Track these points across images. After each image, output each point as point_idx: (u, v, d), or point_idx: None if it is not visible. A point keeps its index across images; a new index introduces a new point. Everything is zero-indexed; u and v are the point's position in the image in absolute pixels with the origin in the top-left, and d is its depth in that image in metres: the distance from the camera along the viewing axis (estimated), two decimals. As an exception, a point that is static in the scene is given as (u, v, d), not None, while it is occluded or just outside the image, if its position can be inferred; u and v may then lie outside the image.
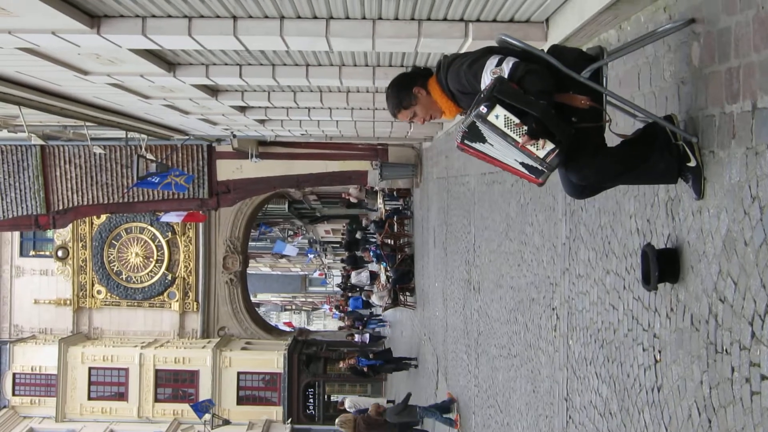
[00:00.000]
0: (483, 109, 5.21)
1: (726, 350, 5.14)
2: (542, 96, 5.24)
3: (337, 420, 24.21)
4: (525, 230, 11.70)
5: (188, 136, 31.44)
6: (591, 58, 5.66)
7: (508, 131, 5.22)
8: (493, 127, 5.23)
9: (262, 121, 25.74)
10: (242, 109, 22.38)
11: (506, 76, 5.34)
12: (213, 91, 18.76)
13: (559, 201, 9.68)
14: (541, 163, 5.29)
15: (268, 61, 15.41)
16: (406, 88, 6.05)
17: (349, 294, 51.75)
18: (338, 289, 67.50)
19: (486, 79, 5.48)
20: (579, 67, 5.50)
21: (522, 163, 5.36)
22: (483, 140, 5.35)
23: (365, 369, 29.89)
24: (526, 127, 5.16)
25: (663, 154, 5.66)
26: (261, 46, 12.77)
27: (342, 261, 61.08)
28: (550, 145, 5.23)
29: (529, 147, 5.23)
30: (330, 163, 38.01)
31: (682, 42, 5.92)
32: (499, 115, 5.20)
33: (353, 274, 46.71)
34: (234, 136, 31.06)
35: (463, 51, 8.60)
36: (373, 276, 45.13)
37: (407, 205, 38.96)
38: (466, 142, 5.40)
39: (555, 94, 5.39)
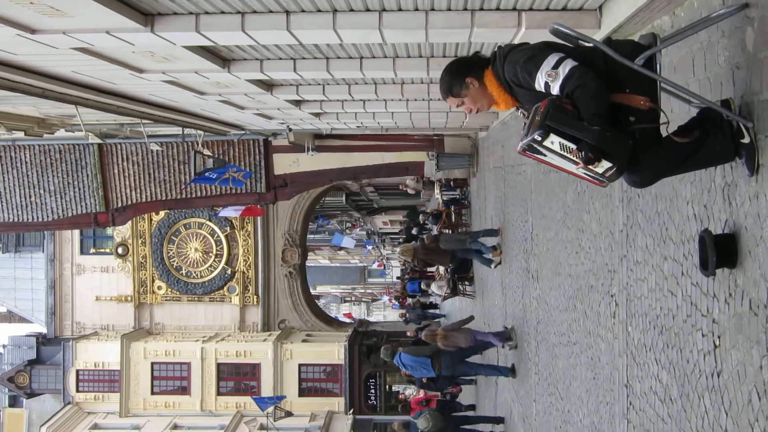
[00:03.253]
0: (537, 137, 5.24)
1: (785, 334, 5.13)
2: (595, 119, 5.21)
3: (398, 249, 24.71)
4: (582, 218, 11.67)
5: (244, 131, 31.63)
6: (645, 49, 5.62)
7: (565, 154, 5.29)
8: (550, 150, 5.30)
9: (317, 115, 25.79)
10: (297, 103, 22.45)
11: (561, 80, 5.34)
12: (268, 85, 18.84)
13: (616, 188, 9.65)
14: (601, 177, 5.37)
15: (322, 55, 15.44)
16: (459, 76, 6.03)
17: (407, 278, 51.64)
18: (398, 279, 67.41)
19: (540, 80, 5.47)
20: (634, 61, 5.49)
21: (584, 173, 5.41)
22: (543, 155, 5.41)
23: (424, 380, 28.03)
24: (582, 153, 5.20)
25: (717, 137, 5.64)
26: (314, 40, 12.79)
27: (399, 275, 61.28)
28: (608, 164, 5.26)
29: (588, 165, 5.27)
30: (386, 155, 38.04)
31: (736, 27, 5.89)
32: (554, 142, 5.25)
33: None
34: (290, 129, 31.20)
35: (516, 41, 8.59)
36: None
37: (464, 195, 38.82)
38: (527, 152, 5.46)
39: (611, 95, 5.38)
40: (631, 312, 8.88)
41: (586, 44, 5.70)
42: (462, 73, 6.03)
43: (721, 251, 5.87)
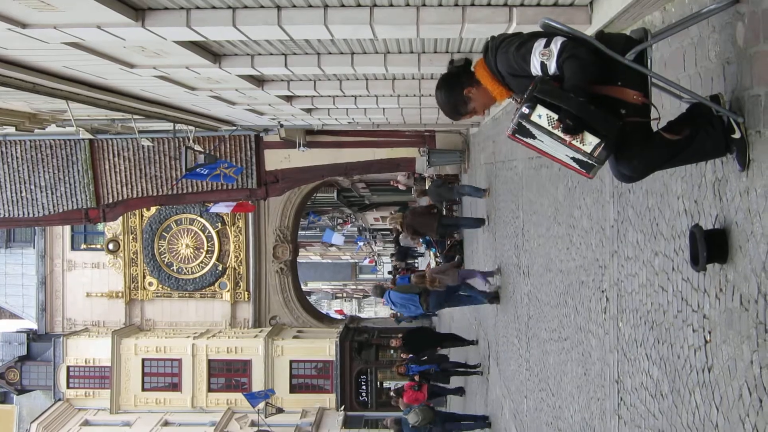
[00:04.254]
0: (525, 109, 5.30)
1: (775, 330, 5.14)
2: (576, 90, 5.27)
3: (388, 219, 25.24)
4: (573, 214, 11.69)
5: (235, 126, 31.62)
6: (637, 42, 5.62)
7: (552, 129, 5.31)
8: (538, 126, 5.33)
9: (308, 110, 25.81)
10: (288, 99, 22.45)
11: (555, 57, 5.35)
12: (259, 81, 18.84)
13: (607, 184, 9.67)
14: (589, 157, 5.34)
15: (313, 50, 15.45)
16: (457, 95, 6.02)
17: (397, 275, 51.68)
18: (389, 275, 67.45)
19: (535, 62, 5.47)
20: (626, 53, 5.49)
21: (572, 158, 5.41)
22: (533, 136, 5.41)
23: (416, 378, 28.26)
24: (563, 123, 5.24)
25: (708, 132, 5.64)
26: (305, 35, 12.80)
27: (392, 256, 61.05)
28: (595, 140, 5.27)
29: (575, 143, 5.30)
30: (378, 151, 38.06)
31: (727, 22, 5.90)
32: (542, 115, 5.29)
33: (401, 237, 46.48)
34: (281, 125, 31.17)
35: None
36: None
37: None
38: (517, 135, 5.48)
39: (601, 86, 5.42)
40: (622, 307, 8.90)
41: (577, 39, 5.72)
42: (457, 90, 6.02)
43: (711, 246, 5.88)
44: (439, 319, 46.86)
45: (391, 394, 29.98)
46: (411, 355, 29.18)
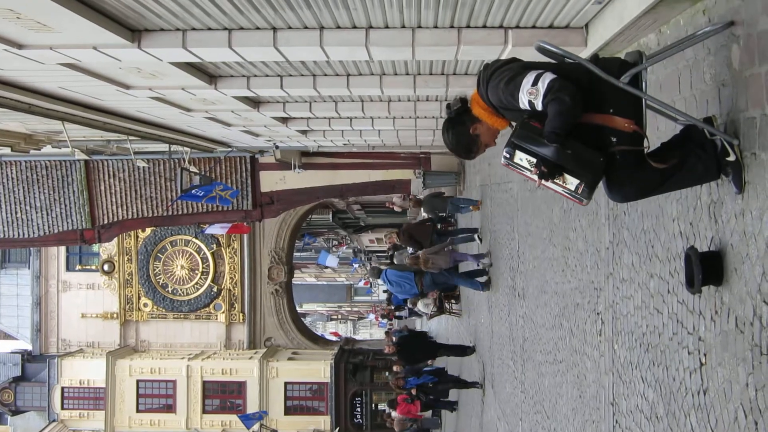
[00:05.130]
0: (506, 153, 5.53)
1: (771, 352, 5.13)
2: (552, 137, 5.28)
3: (384, 236, 25.83)
4: (568, 236, 11.69)
5: (231, 148, 31.64)
6: (632, 66, 5.60)
7: (533, 172, 5.46)
8: (521, 167, 5.51)
9: (304, 132, 25.81)
10: (284, 120, 22.47)
11: (541, 96, 5.32)
12: (254, 102, 18.85)
13: (602, 206, 9.66)
14: (573, 194, 5.45)
15: (309, 72, 15.45)
16: (466, 136, 6.03)
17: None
18: (384, 294, 67.40)
19: (524, 100, 5.44)
20: (620, 78, 5.47)
21: (563, 189, 5.47)
22: (520, 168, 5.55)
23: (413, 391, 28.22)
24: (538, 169, 5.38)
25: (699, 156, 5.63)
26: (301, 57, 12.81)
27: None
28: (575, 180, 5.38)
29: (557, 182, 5.42)
30: (373, 173, 38.08)
31: (722, 45, 5.91)
32: (522, 158, 5.46)
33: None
34: (277, 147, 31.22)
35: (503, 57, 8.58)
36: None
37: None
38: (510, 165, 5.61)
39: (592, 114, 5.42)
40: (617, 330, 8.89)
41: (570, 61, 5.71)
42: (463, 131, 6.03)
43: (707, 269, 5.87)
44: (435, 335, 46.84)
45: (385, 409, 29.97)
46: (406, 366, 29.05)
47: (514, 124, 5.89)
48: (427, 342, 31.41)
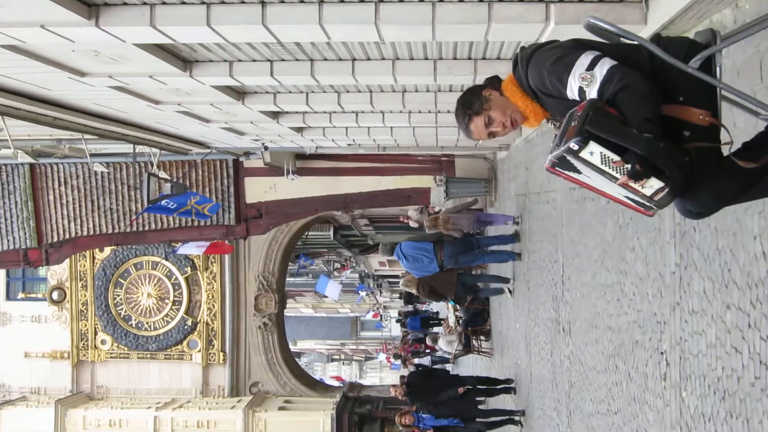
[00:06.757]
0: (574, 145, 5.10)
1: None
2: (647, 126, 5.07)
3: (401, 281, 25.93)
4: (625, 257, 11.67)
5: (210, 149, 31.63)
6: (704, 47, 5.53)
7: (606, 168, 5.16)
8: (588, 164, 5.17)
9: (299, 130, 25.83)
10: (275, 115, 22.47)
11: (598, 84, 5.26)
12: (239, 93, 18.86)
13: (666, 220, 9.65)
14: (649, 200, 5.25)
15: (306, 56, 15.47)
16: (475, 94, 6.02)
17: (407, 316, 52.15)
18: (398, 321, 67.26)
19: (574, 86, 5.39)
20: (688, 61, 5.39)
21: (626, 196, 5.33)
22: (576, 171, 5.30)
23: None
24: (628, 166, 5.08)
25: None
26: (296, 38, 12.83)
27: (399, 322, 61.41)
28: (658, 183, 5.14)
29: (632, 185, 5.16)
30: (384, 179, 38.02)
31: (815, 22, 5.90)
32: (594, 152, 5.11)
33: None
34: (266, 148, 31.20)
35: (543, 39, 8.55)
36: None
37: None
38: (557, 168, 5.36)
39: (661, 105, 5.29)
40: (686, 373, 8.87)
41: (628, 42, 5.67)
42: (476, 91, 6.04)
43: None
44: (457, 366, 46.81)
45: None
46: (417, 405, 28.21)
47: (552, 120, 5.87)
48: (448, 377, 30.67)
